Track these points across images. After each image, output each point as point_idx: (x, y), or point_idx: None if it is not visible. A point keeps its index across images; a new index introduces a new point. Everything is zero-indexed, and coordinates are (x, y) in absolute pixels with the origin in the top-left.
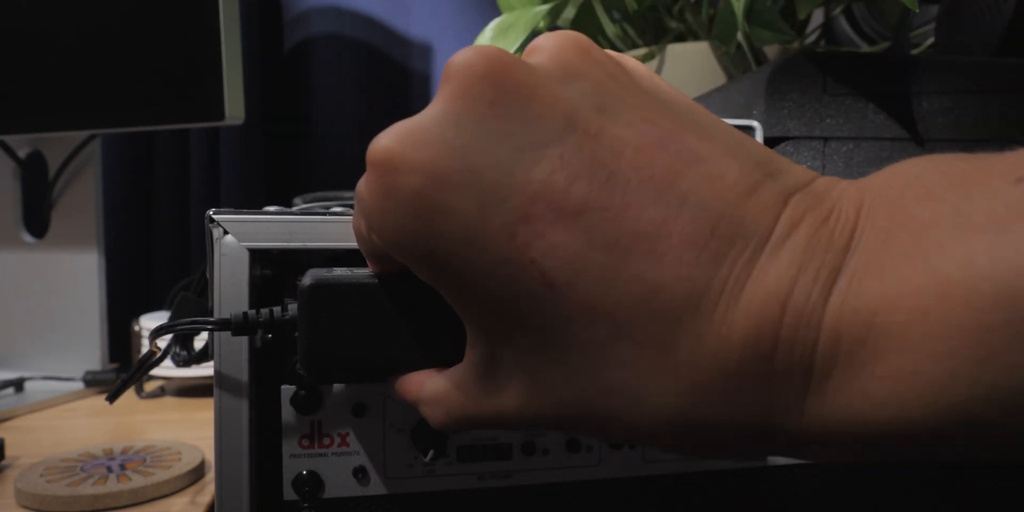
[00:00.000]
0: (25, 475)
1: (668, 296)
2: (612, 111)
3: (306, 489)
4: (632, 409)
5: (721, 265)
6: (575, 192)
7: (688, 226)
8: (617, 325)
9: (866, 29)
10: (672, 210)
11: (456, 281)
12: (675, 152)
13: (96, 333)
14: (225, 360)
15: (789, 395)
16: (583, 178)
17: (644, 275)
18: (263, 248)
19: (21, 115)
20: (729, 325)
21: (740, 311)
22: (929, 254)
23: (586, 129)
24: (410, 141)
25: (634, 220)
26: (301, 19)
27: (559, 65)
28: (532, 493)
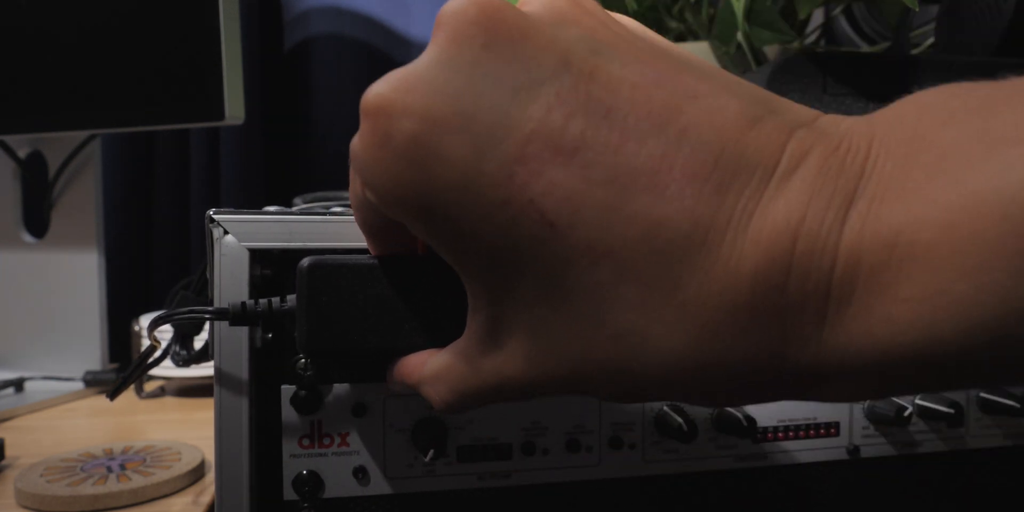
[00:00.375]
0: (25, 475)
1: (672, 231)
2: (606, 53)
3: (306, 489)
4: (639, 355)
5: (726, 197)
6: (572, 129)
7: (689, 159)
8: (620, 264)
9: (866, 29)
10: (672, 144)
11: (454, 231)
12: (672, 88)
13: (96, 333)
14: (225, 359)
15: (804, 327)
16: (579, 115)
17: (646, 210)
18: (263, 248)
19: (21, 115)
20: (738, 258)
21: (749, 242)
22: (957, 172)
23: (581, 68)
24: (404, 87)
25: (633, 155)
26: (301, 19)
27: (551, 11)
28: (532, 493)
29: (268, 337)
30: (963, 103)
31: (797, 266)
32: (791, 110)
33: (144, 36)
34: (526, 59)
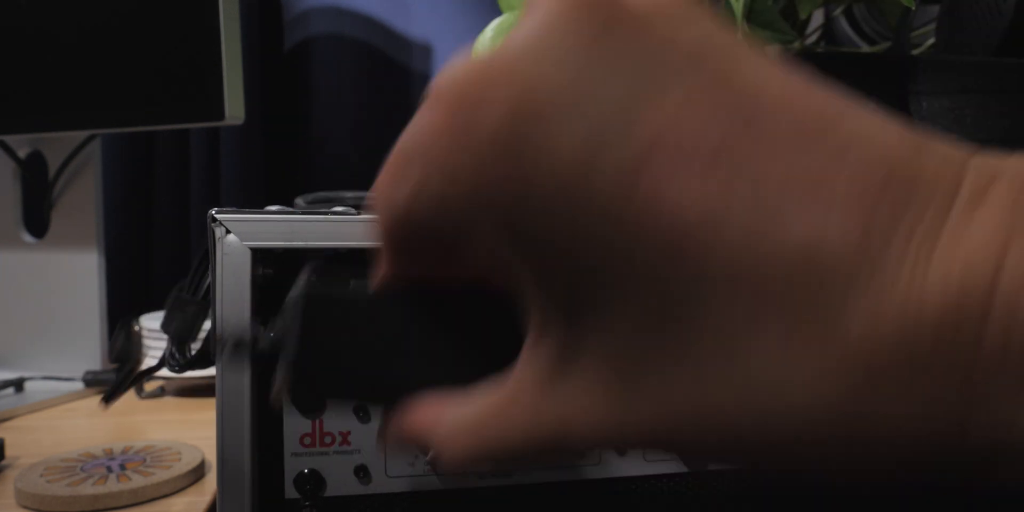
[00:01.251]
0: (25, 475)
1: (833, 257)
2: (737, 57)
3: (307, 487)
4: (773, 407)
5: (899, 222)
6: (710, 134)
7: (855, 176)
8: (765, 294)
9: (866, 29)
10: (832, 158)
11: (548, 239)
12: (821, 102)
13: (96, 333)
14: (227, 359)
15: (999, 389)
16: (717, 120)
17: (802, 231)
18: (265, 247)
19: (21, 115)
20: (919, 296)
21: (934, 279)
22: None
23: (714, 70)
24: (495, 71)
25: (786, 165)
26: (301, 19)
27: (664, 7)
28: (533, 492)
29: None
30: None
31: (999, 313)
32: (942, 141)
33: (144, 36)
34: (648, 52)
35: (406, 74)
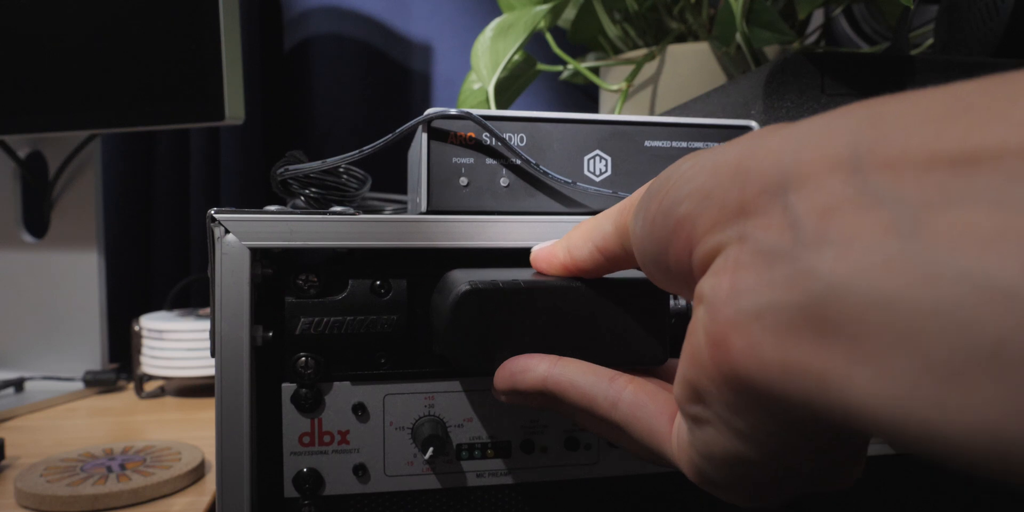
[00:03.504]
0: (25, 475)
1: None
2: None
3: (306, 486)
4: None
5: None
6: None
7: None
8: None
9: (866, 29)
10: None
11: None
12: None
13: (96, 333)
14: (226, 359)
15: None
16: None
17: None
18: (264, 247)
19: (21, 115)
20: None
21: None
22: None
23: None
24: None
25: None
26: (301, 19)
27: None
28: (531, 491)
29: (269, 336)
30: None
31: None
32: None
33: (144, 36)
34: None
35: (406, 74)
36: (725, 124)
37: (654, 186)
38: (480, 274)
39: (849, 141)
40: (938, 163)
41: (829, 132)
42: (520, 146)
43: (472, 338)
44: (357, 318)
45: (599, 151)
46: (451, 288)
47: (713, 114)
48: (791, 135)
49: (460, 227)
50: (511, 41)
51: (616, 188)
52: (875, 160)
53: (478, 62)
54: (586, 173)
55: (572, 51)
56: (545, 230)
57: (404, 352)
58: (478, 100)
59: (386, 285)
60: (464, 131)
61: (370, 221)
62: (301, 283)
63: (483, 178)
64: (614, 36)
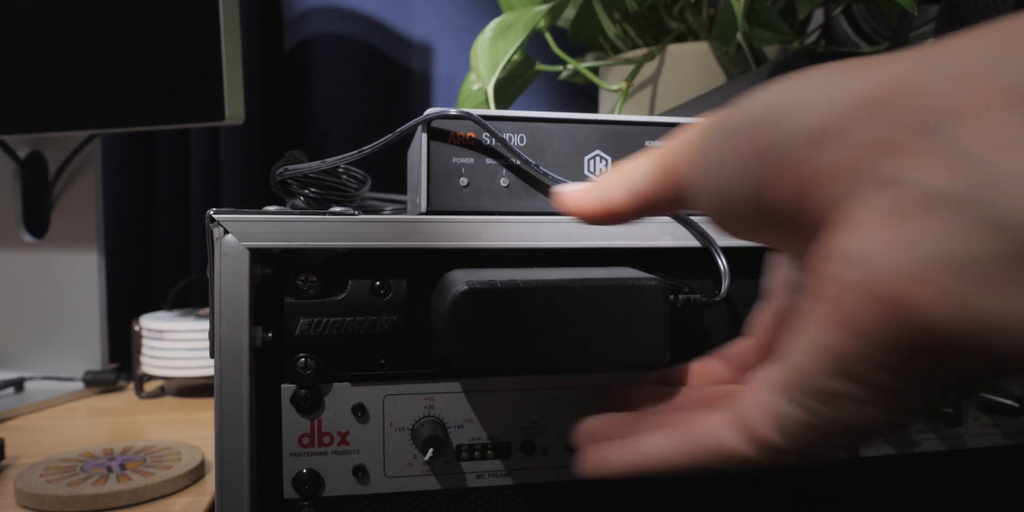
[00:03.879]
0: (25, 475)
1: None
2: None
3: (306, 487)
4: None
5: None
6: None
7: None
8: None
9: (866, 29)
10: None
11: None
12: None
13: (96, 333)
14: (225, 359)
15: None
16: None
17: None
18: (263, 247)
19: (21, 115)
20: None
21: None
22: None
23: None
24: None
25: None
26: (301, 19)
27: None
28: (531, 492)
29: (268, 337)
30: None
31: None
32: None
33: (144, 36)
34: None
35: (406, 74)
36: None
37: (737, 119)
38: (480, 274)
39: (1012, 69)
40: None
41: (986, 61)
42: (520, 146)
43: (471, 338)
44: (357, 319)
45: (599, 151)
46: (450, 288)
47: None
48: (935, 65)
49: (460, 227)
50: (511, 41)
51: None
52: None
53: (478, 62)
54: (586, 173)
55: (572, 51)
56: (545, 230)
57: (404, 353)
58: (478, 100)
59: (386, 285)
60: (464, 131)
61: (370, 221)
62: (301, 283)
63: (483, 178)
64: (614, 36)
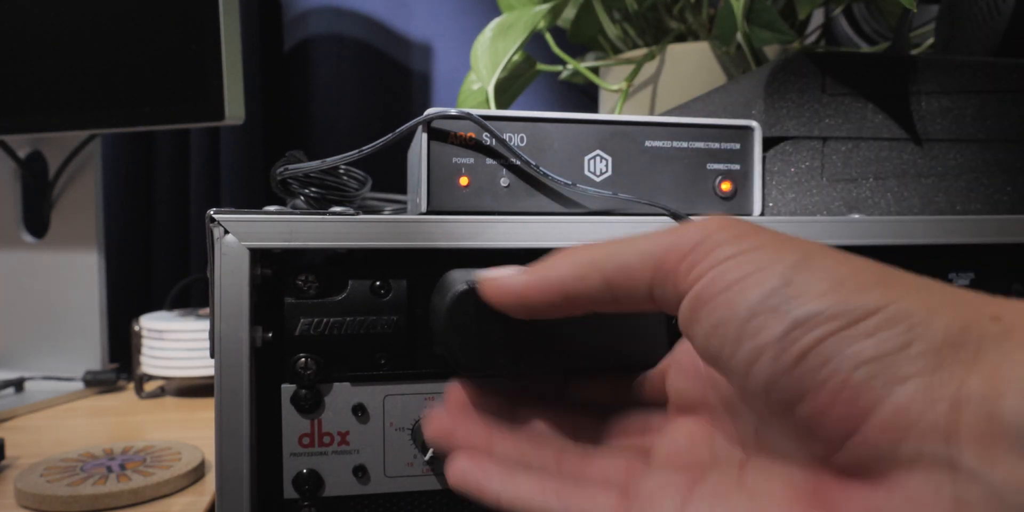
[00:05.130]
0: (25, 475)
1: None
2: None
3: (306, 487)
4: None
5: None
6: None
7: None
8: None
9: (866, 29)
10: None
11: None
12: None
13: (96, 333)
14: (225, 359)
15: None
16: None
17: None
18: (264, 247)
19: (21, 115)
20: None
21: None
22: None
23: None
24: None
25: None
26: (301, 19)
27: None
28: None
29: (268, 337)
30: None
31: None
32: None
33: (144, 36)
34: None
35: (406, 74)
36: (725, 124)
37: (794, 297)
38: (475, 273)
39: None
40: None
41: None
42: (520, 146)
43: (470, 338)
44: (357, 319)
45: (599, 151)
46: (449, 288)
47: (713, 114)
48: (1020, 354)
49: (460, 227)
50: (511, 41)
51: (616, 188)
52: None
53: (478, 62)
54: (586, 173)
55: (572, 51)
56: (545, 230)
57: (404, 353)
58: (478, 100)
59: (386, 285)
60: (464, 131)
61: (370, 221)
62: (301, 284)
63: (483, 178)
64: (614, 36)
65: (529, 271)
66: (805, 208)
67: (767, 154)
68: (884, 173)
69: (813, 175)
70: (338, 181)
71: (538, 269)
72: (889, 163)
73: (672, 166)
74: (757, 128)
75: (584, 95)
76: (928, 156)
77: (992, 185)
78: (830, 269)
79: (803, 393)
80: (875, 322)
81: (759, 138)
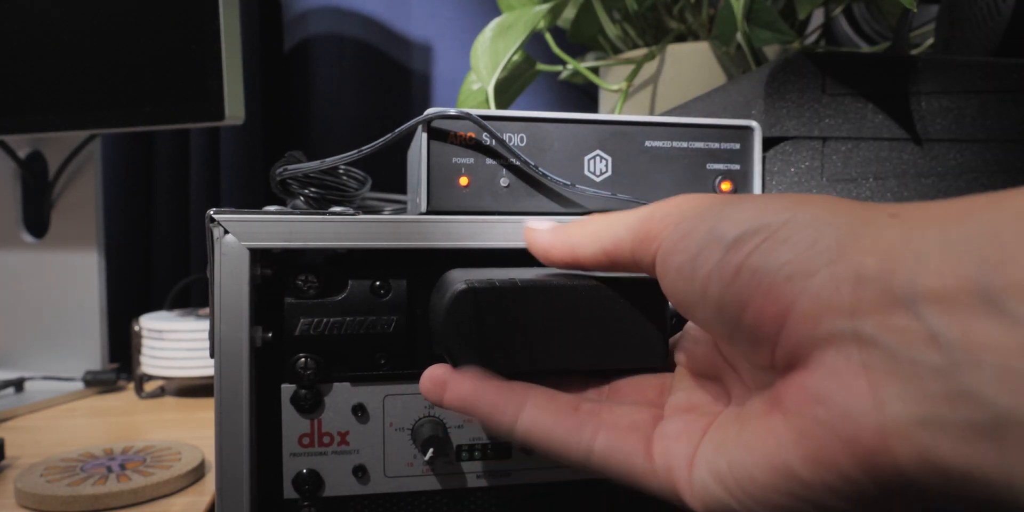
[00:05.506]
0: (25, 475)
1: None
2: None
3: (306, 487)
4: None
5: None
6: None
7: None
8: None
9: (866, 29)
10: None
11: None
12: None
13: (96, 333)
14: (225, 359)
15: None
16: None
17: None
18: (263, 247)
19: (21, 115)
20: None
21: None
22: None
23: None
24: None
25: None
26: (301, 19)
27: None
28: (531, 492)
29: (268, 337)
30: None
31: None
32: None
33: (144, 36)
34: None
35: (406, 74)
36: (726, 124)
37: (730, 230)
38: (478, 274)
39: (976, 259)
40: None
41: (954, 246)
42: (520, 146)
43: (469, 338)
44: (357, 319)
45: (599, 151)
46: (448, 288)
47: (713, 114)
48: (911, 236)
49: (460, 227)
50: (511, 41)
51: (616, 188)
52: (1006, 282)
53: (478, 62)
54: (586, 173)
55: (572, 51)
56: None
57: (404, 353)
58: (478, 100)
59: (386, 285)
60: (464, 131)
61: (370, 221)
62: (301, 284)
63: (483, 178)
64: (614, 36)
65: (556, 231)
66: None
67: (767, 154)
68: (884, 173)
69: (813, 175)
70: (338, 181)
71: (560, 232)
72: (889, 163)
73: (672, 166)
74: (757, 128)
75: (584, 95)
76: (928, 156)
77: (992, 185)
78: (757, 199)
79: (744, 303)
80: (787, 230)
81: (759, 138)
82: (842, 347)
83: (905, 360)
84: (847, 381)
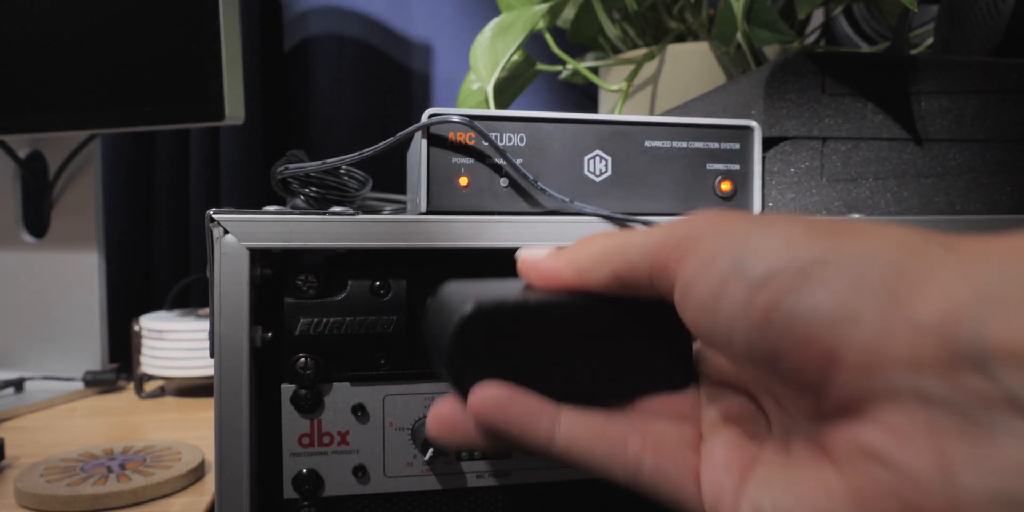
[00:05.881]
0: (25, 475)
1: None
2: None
3: (306, 487)
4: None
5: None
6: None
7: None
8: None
9: (866, 29)
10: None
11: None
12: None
13: (96, 333)
14: (225, 359)
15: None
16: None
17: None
18: (263, 247)
19: (21, 115)
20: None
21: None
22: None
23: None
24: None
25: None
26: (301, 19)
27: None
28: (531, 492)
29: (268, 337)
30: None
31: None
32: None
33: (144, 36)
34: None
35: (406, 74)
36: (725, 124)
37: (750, 261)
38: (478, 287)
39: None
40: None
41: (1022, 289)
42: (520, 146)
43: (479, 364)
44: (357, 319)
45: (599, 151)
46: (450, 308)
47: (713, 114)
48: (970, 275)
49: (460, 227)
50: (510, 41)
51: (616, 188)
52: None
53: (477, 62)
54: (586, 173)
55: (571, 51)
56: (545, 230)
57: (404, 352)
58: (477, 100)
59: (386, 286)
60: (464, 132)
61: (370, 221)
62: (300, 284)
63: (483, 178)
64: (613, 36)
65: (558, 256)
66: (805, 208)
67: (767, 154)
68: (884, 173)
69: (813, 175)
70: (338, 181)
71: (563, 257)
72: (889, 163)
73: (672, 166)
74: (757, 128)
75: (584, 95)
76: (928, 156)
77: (992, 185)
78: (785, 226)
79: (778, 351)
80: (822, 267)
81: (759, 138)
82: (903, 404)
83: (983, 425)
84: (910, 442)
